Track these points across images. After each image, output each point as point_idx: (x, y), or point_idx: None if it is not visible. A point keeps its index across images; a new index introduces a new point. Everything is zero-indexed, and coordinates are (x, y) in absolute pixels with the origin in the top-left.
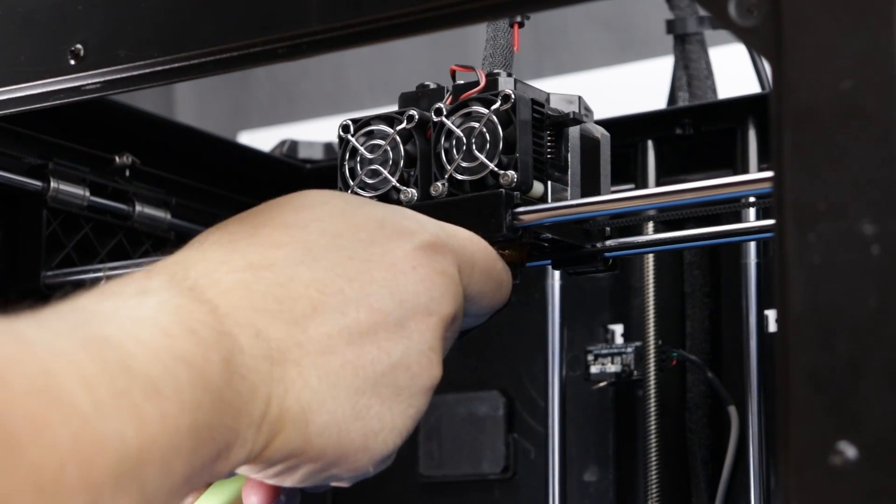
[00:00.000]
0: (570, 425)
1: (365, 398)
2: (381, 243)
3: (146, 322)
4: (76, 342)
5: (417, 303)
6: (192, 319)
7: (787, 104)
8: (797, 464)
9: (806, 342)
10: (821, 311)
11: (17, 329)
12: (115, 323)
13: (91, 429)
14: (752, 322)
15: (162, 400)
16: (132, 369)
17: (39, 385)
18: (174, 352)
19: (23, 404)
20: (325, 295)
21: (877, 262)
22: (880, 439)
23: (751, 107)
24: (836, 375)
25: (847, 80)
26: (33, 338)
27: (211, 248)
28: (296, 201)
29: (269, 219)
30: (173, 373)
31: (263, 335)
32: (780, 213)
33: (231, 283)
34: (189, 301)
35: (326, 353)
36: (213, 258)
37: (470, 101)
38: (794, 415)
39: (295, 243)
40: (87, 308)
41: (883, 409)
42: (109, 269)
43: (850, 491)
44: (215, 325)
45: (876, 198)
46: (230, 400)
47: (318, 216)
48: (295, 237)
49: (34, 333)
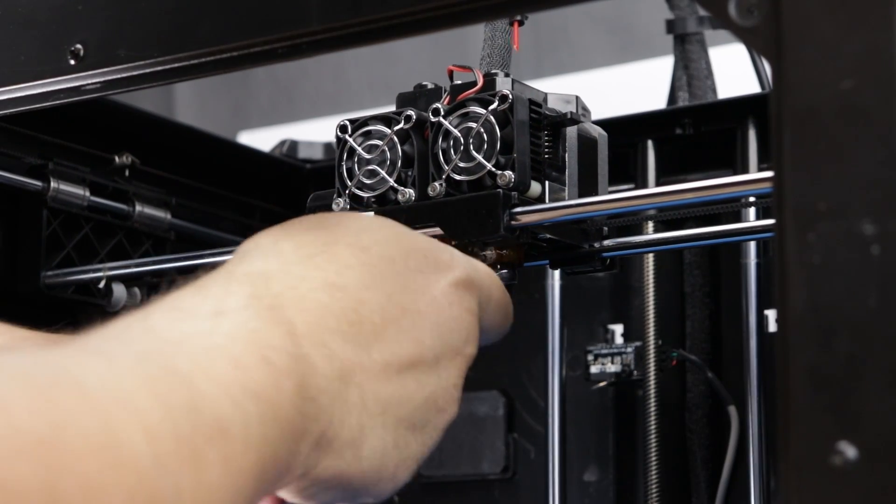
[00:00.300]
0: (570, 425)
1: (402, 428)
2: (426, 274)
3: (218, 352)
4: (142, 382)
5: (451, 341)
6: (266, 346)
7: (787, 104)
8: (797, 464)
9: (806, 342)
10: (821, 311)
11: (79, 374)
12: (185, 355)
13: (147, 486)
14: (752, 322)
15: (227, 441)
16: (199, 410)
17: (99, 443)
18: (245, 385)
19: (79, 468)
20: (385, 322)
21: (877, 262)
22: (880, 439)
23: (751, 107)
24: (836, 375)
25: (847, 80)
26: (95, 384)
27: (291, 259)
28: (352, 222)
29: (335, 236)
30: (242, 408)
31: (336, 356)
32: (780, 213)
33: (311, 302)
34: (266, 324)
35: (382, 381)
36: (295, 272)
37: (467, 101)
38: (794, 415)
39: (361, 266)
40: (158, 333)
41: (883, 409)
42: (109, 269)
43: (850, 491)
44: (291, 349)
45: (876, 198)
46: (297, 424)
47: (376, 239)
48: (360, 259)
49: (96, 377)
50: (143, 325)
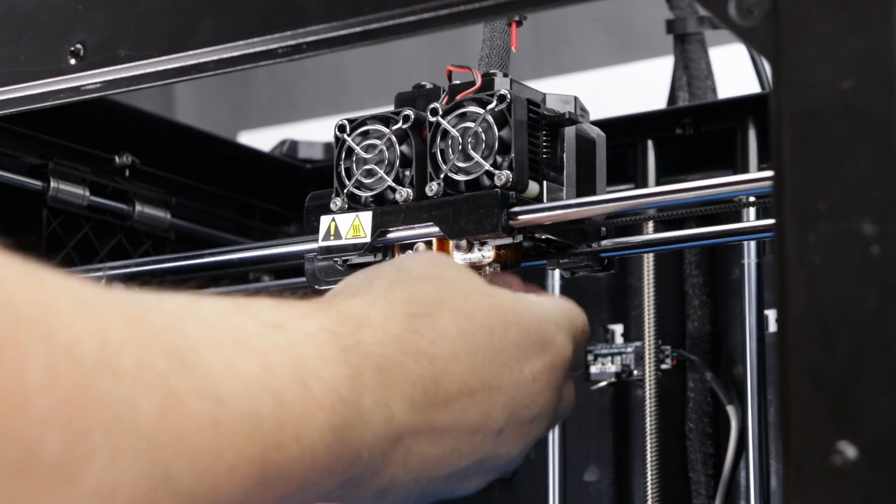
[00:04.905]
0: (570, 425)
1: (436, 482)
2: (523, 349)
3: (247, 349)
4: (126, 328)
5: (522, 415)
6: (309, 373)
7: (787, 104)
8: (797, 464)
9: (806, 342)
10: (821, 311)
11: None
12: (210, 336)
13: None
14: (752, 322)
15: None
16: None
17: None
18: (267, 385)
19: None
20: (461, 393)
21: (877, 262)
22: (880, 439)
23: (751, 107)
24: (836, 375)
25: (847, 80)
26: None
27: (396, 314)
28: (465, 282)
29: (444, 294)
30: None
31: (395, 420)
32: (780, 213)
33: (394, 365)
34: (323, 358)
35: (433, 444)
36: (392, 330)
37: (466, 101)
38: (794, 415)
39: (459, 335)
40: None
41: (883, 409)
42: (109, 269)
43: (850, 491)
44: (345, 393)
45: (876, 198)
46: (322, 459)
47: (482, 308)
48: (461, 327)
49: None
50: (199, 308)
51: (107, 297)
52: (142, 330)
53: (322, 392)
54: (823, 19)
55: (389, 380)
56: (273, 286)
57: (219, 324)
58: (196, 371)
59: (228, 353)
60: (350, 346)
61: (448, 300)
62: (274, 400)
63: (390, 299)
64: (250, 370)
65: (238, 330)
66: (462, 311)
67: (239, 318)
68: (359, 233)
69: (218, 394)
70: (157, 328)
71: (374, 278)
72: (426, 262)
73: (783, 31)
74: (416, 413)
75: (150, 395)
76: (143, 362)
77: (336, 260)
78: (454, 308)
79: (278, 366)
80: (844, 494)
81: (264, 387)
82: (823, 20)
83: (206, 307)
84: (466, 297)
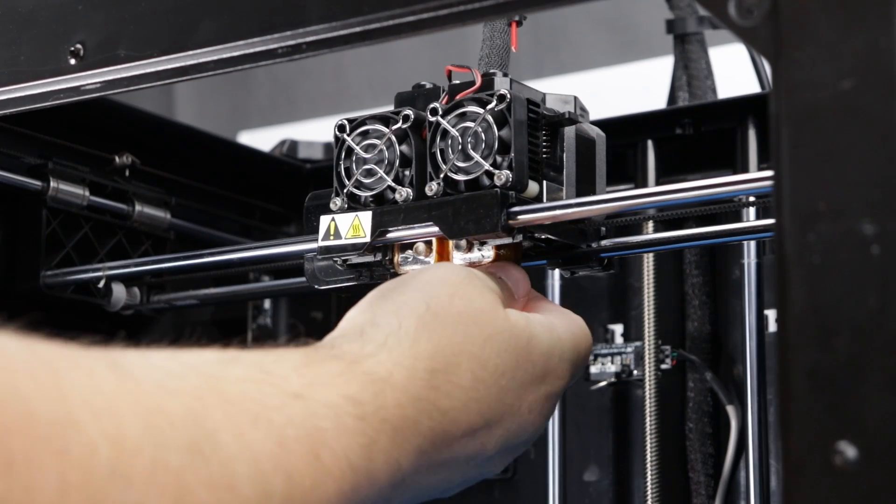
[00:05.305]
0: (570, 425)
1: (415, 499)
2: (526, 385)
3: (265, 424)
4: (140, 403)
5: (512, 444)
6: (324, 446)
7: (787, 104)
8: (797, 464)
9: (806, 342)
10: (821, 311)
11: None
12: (222, 411)
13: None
14: (752, 322)
15: (234, 496)
16: (203, 454)
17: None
18: (280, 464)
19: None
20: (464, 435)
21: (877, 262)
22: (880, 439)
23: (751, 107)
24: (836, 375)
25: (847, 80)
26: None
27: (419, 372)
28: (486, 324)
29: (465, 341)
30: (266, 480)
31: (401, 470)
32: (780, 213)
33: (409, 424)
34: (339, 430)
35: (430, 476)
36: (412, 391)
37: (465, 100)
38: (794, 415)
39: (472, 386)
40: (218, 381)
41: (883, 409)
42: (109, 269)
43: (850, 491)
44: (355, 461)
45: (876, 198)
46: None
47: (498, 351)
48: (475, 376)
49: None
50: (222, 383)
51: (127, 390)
52: (160, 425)
53: (333, 462)
54: (823, 19)
55: (403, 440)
56: (273, 286)
57: (239, 399)
58: (210, 460)
59: (246, 432)
60: (369, 413)
61: (468, 347)
62: (285, 477)
63: (416, 353)
64: (265, 448)
65: (258, 404)
66: (479, 359)
67: (261, 390)
68: (358, 232)
69: (230, 480)
70: (175, 420)
71: (402, 315)
72: (453, 291)
73: (783, 31)
74: (420, 458)
75: (161, 496)
76: (157, 461)
77: (336, 260)
78: (472, 356)
79: (293, 440)
80: (844, 494)
81: (277, 464)
82: (823, 20)
83: (230, 380)
84: (485, 340)
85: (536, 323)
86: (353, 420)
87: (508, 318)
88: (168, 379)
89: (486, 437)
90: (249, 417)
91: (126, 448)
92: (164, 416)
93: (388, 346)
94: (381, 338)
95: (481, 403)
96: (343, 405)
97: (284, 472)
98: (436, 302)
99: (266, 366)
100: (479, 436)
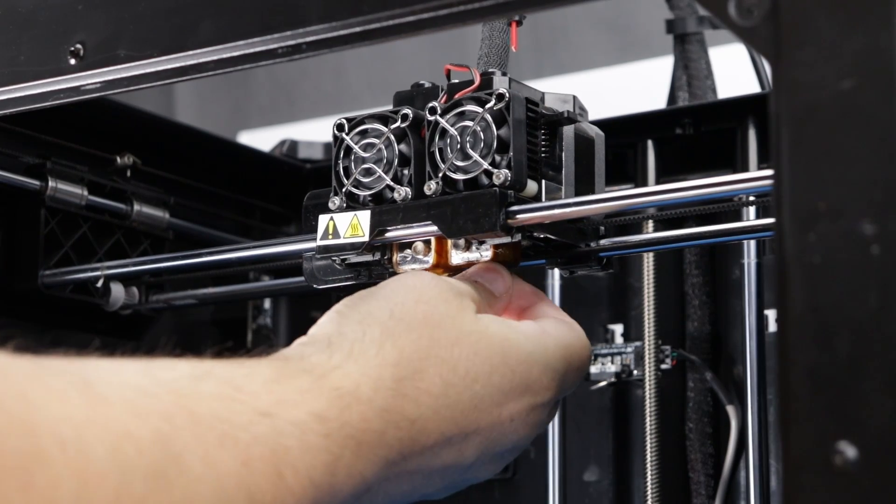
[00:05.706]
0: (570, 425)
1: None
2: (505, 392)
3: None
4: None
5: (495, 451)
6: (288, 465)
7: (787, 104)
8: (797, 464)
9: (806, 342)
10: (821, 311)
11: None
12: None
13: None
14: (752, 322)
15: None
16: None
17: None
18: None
19: None
20: (436, 444)
21: (877, 262)
22: (880, 439)
23: (751, 107)
24: (836, 375)
25: (847, 80)
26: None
27: (386, 380)
28: (451, 327)
29: (431, 346)
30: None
31: (367, 481)
32: (780, 213)
33: (375, 437)
34: (303, 448)
35: (402, 482)
36: (378, 402)
37: (464, 100)
38: (794, 415)
39: (442, 392)
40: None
41: (883, 409)
42: (107, 269)
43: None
44: (318, 478)
45: (876, 198)
46: None
47: (468, 354)
48: (445, 381)
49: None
50: (192, 401)
51: (97, 415)
52: (127, 452)
53: (296, 481)
54: (823, 19)
55: (368, 451)
56: (273, 286)
57: (208, 418)
58: (174, 484)
59: (211, 453)
60: (334, 430)
61: (435, 350)
62: (247, 496)
63: (381, 362)
64: (229, 469)
65: (226, 423)
66: (448, 363)
67: (230, 408)
68: (357, 232)
69: (193, 503)
70: (143, 446)
71: (367, 324)
72: (417, 297)
73: (783, 31)
74: (388, 469)
75: None
76: (121, 490)
77: (334, 259)
78: (440, 360)
79: (258, 459)
80: (844, 494)
81: (240, 483)
82: (823, 20)
83: (201, 396)
84: (453, 343)
85: (518, 329)
86: (318, 438)
87: (479, 322)
88: (139, 398)
89: (462, 444)
90: (216, 437)
91: (90, 479)
92: (132, 442)
93: (354, 356)
94: (347, 347)
95: (454, 410)
96: (309, 423)
97: (247, 491)
98: (400, 308)
99: (237, 381)
100: (455, 443)
